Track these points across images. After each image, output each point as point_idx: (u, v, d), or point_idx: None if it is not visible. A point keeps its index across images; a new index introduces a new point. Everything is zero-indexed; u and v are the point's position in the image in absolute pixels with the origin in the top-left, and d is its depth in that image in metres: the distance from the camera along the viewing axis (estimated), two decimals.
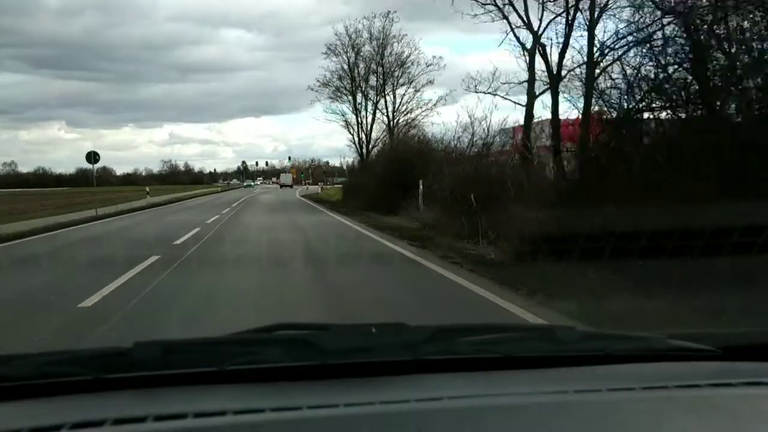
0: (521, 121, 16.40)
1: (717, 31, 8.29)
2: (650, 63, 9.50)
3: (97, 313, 5.70)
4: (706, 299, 5.18)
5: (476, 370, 1.29)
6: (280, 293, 6.73)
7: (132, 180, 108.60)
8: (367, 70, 32.63)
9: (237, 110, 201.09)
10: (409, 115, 31.92)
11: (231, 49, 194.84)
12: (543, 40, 15.07)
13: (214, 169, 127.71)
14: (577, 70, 13.79)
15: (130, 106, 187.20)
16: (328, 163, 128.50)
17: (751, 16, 8.09)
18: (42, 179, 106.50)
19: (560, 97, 14.56)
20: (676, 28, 8.98)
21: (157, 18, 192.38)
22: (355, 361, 1.26)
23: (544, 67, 15.09)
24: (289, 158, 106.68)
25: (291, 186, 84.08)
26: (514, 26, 15.67)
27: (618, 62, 11.03)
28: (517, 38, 15.63)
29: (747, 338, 1.50)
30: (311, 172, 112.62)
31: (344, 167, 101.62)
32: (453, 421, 1.05)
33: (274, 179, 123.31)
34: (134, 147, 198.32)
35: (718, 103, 8.14)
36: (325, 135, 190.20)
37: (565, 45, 14.27)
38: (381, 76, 32.24)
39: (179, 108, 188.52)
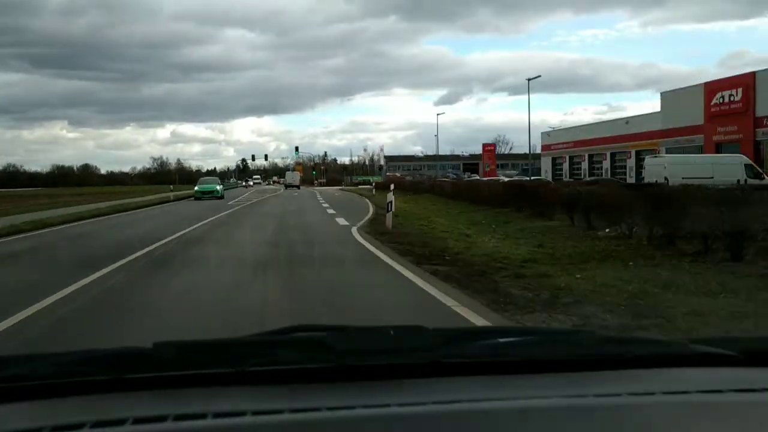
0: None
1: None
2: None
3: None
4: None
5: (495, 373, 1.28)
6: None
7: (117, 179, 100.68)
8: None
9: (239, 109, 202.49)
10: None
11: (233, 49, 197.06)
12: None
13: (214, 168, 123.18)
14: None
15: (133, 106, 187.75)
16: (336, 160, 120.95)
17: None
18: (13, 177, 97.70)
19: None
20: None
21: (160, 17, 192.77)
22: (372, 363, 1.25)
23: None
24: (297, 149, 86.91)
25: (298, 187, 67.70)
26: None
27: None
28: None
29: None
30: (324, 169, 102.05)
31: (365, 164, 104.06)
32: (471, 424, 1.05)
33: (275, 178, 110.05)
34: (137, 146, 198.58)
35: None
36: (327, 134, 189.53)
37: None
38: None
39: (181, 107, 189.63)
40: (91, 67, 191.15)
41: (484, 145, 78.50)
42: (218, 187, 39.27)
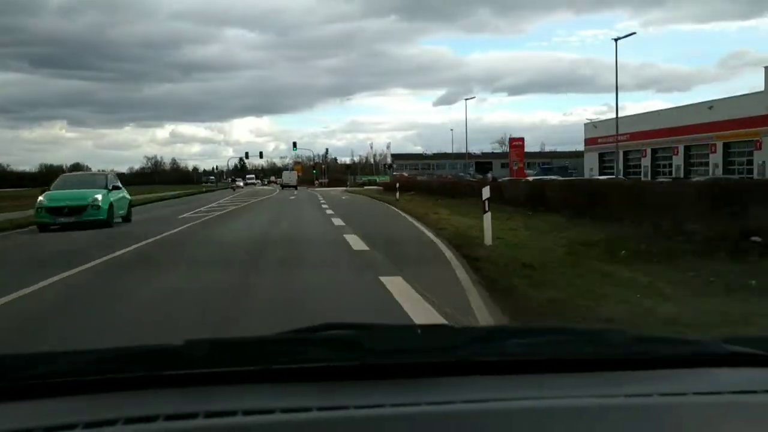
0: None
1: None
2: None
3: None
4: None
5: (522, 372, 1.27)
6: None
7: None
8: None
9: (238, 109, 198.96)
10: None
11: (232, 48, 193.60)
12: None
13: (215, 167, 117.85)
14: None
15: (132, 106, 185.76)
16: (336, 160, 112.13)
17: None
18: (2, 177, 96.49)
19: None
20: None
21: (159, 17, 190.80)
22: (399, 361, 1.26)
23: None
24: (295, 145, 76.04)
25: (296, 187, 63.76)
26: None
27: None
28: None
29: None
30: (325, 168, 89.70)
31: (371, 163, 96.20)
32: (498, 423, 1.05)
33: (272, 178, 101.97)
34: (136, 146, 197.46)
35: None
36: (326, 134, 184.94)
37: None
38: None
39: (180, 107, 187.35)
40: (90, 66, 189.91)
41: (512, 140, 65.96)
42: (98, 197, 16.92)
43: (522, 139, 65.54)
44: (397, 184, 35.53)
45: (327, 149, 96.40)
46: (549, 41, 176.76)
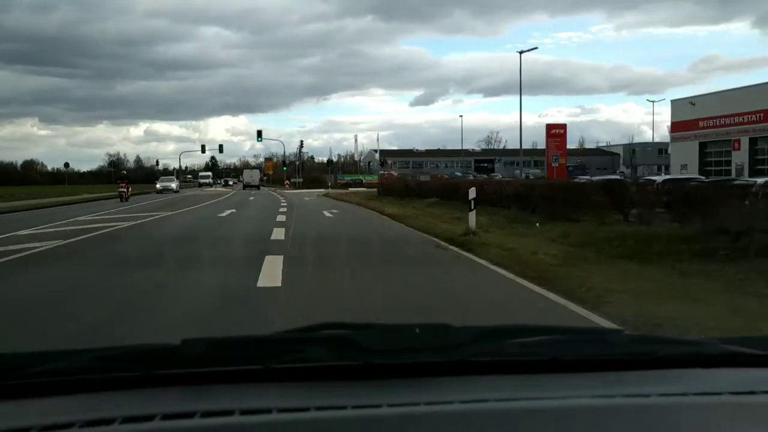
0: None
1: None
2: None
3: None
4: None
5: (522, 372, 1.27)
6: None
7: (62, 178, 76.73)
8: None
9: (214, 108, 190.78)
10: None
11: (209, 46, 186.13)
12: None
13: (186, 167, 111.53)
14: None
15: (106, 103, 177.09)
16: (313, 158, 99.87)
17: None
18: None
19: None
20: None
21: (135, 14, 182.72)
22: (399, 361, 1.25)
23: None
24: (259, 134, 60.61)
25: (258, 187, 59.52)
26: None
27: None
28: None
29: None
30: (299, 165, 75.39)
31: (356, 160, 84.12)
32: (498, 423, 1.05)
33: (235, 180, 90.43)
34: (110, 144, 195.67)
35: None
36: (303, 134, 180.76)
37: None
38: None
39: (155, 105, 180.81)
40: (63, 63, 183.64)
41: (549, 126, 44.68)
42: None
43: (564, 126, 45.45)
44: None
45: (302, 141, 74.84)
46: (525, 43, 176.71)
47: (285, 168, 71.18)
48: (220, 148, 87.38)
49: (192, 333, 2.67)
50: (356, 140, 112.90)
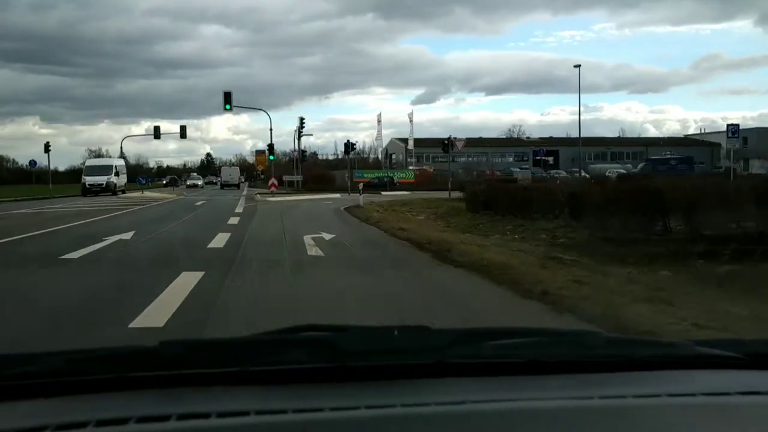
0: None
1: None
2: None
3: None
4: None
5: (500, 374, 1.27)
6: None
7: (33, 175, 63.16)
8: None
9: (215, 107, 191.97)
10: None
11: (209, 45, 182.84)
12: None
13: (185, 164, 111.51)
14: None
15: (107, 102, 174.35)
16: (316, 154, 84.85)
17: None
18: None
19: None
20: None
21: (135, 12, 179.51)
22: (376, 363, 1.25)
23: None
24: (227, 97, 36.10)
25: (237, 186, 56.30)
26: None
27: None
28: None
29: None
30: (297, 159, 51.37)
31: (378, 156, 69.33)
32: (476, 425, 1.05)
33: (215, 178, 76.55)
34: (111, 143, 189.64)
35: None
36: (305, 132, 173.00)
37: None
38: None
39: (156, 104, 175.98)
40: (64, 62, 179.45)
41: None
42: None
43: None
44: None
45: (301, 119, 51.02)
46: (526, 41, 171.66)
47: (272, 157, 47.16)
48: (183, 131, 56.93)
49: None
50: (379, 120, 72.11)
